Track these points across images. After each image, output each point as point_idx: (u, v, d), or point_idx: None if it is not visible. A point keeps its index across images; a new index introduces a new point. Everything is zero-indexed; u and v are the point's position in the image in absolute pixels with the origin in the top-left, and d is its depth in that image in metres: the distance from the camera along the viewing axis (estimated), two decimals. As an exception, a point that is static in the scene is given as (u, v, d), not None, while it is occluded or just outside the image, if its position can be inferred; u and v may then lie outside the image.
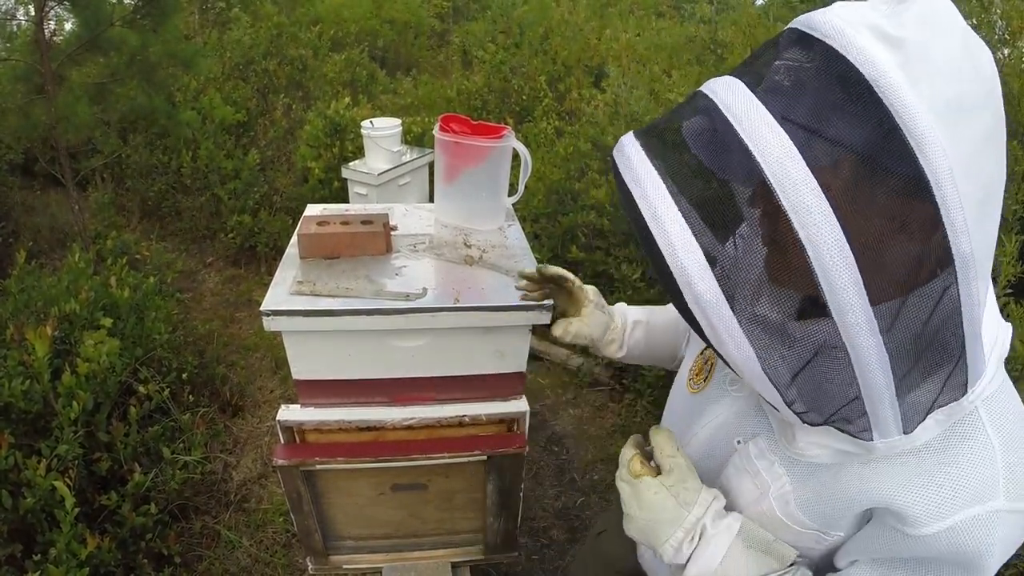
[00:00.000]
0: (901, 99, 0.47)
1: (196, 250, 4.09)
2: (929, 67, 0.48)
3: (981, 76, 0.51)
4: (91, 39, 2.99)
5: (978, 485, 0.60)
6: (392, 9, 7.47)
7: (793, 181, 0.49)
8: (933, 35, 0.49)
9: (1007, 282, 1.73)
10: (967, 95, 0.49)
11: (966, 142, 0.48)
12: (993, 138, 0.51)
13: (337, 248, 1.46)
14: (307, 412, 1.39)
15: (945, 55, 0.49)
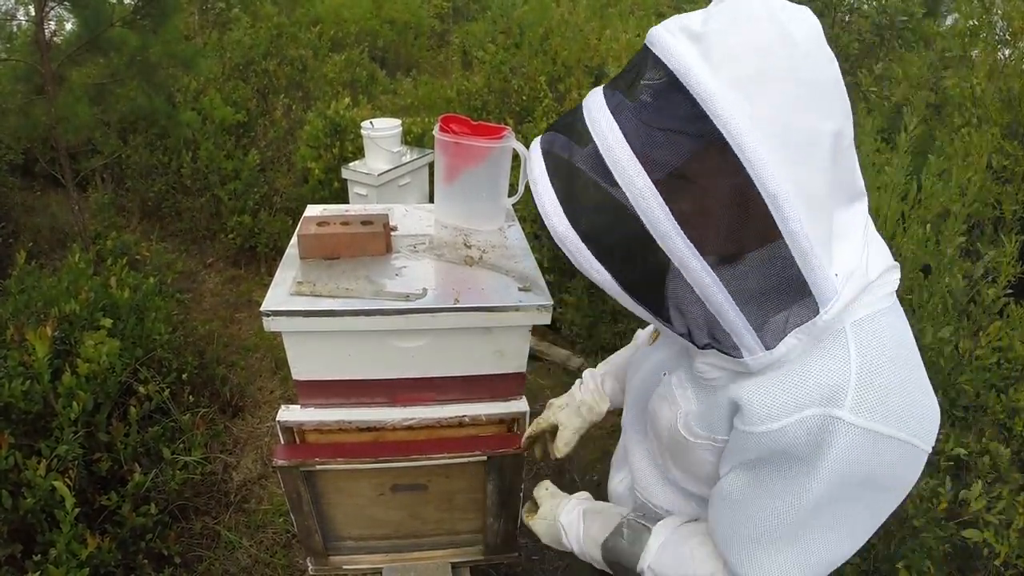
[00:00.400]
0: (697, 79, 0.60)
1: (196, 250, 4.08)
2: (726, 52, 0.60)
3: (788, 51, 0.61)
4: (91, 39, 2.99)
5: (822, 390, 0.67)
6: (392, 9, 7.47)
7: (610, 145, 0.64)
8: (733, 26, 0.61)
9: (1007, 282, 1.73)
10: (768, 68, 0.60)
11: (769, 104, 0.59)
12: (802, 96, 0.61)
13: (337, 249, 1.46)
14: (307, 412, 1.39)
15: (743, 41, 0.60)
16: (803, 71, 0.61)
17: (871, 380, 0.66)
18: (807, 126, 0.61)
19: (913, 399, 0.69)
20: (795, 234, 0.62)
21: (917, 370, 0.71)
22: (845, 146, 0.66)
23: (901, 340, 0.70)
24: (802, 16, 0.64)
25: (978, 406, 1.62)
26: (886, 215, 1.74)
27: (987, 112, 2.56)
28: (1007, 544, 1.31)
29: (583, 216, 0.68)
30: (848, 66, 3.62)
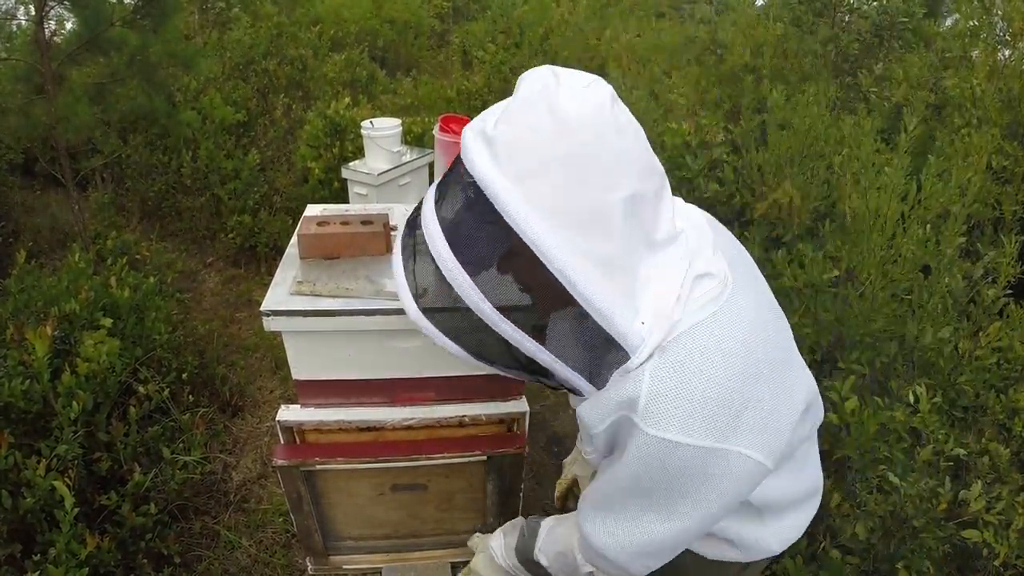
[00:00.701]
0: (484, 177, 0.70)
1: (196, 250, 4.08)
2: (508, 151, 0.70)
3: (563, 139, 0.69)
4: (91, 39, 2.99)
5: (622, 401, 0.78)
6: (392, 9, 7.47)
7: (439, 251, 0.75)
8: (515, 124, 0.71)
9: (1007, 282, 1.73)
10: (544, 159, 0.69)
11: (548, 191, 0.69)
12: (580, 177, 0.69)
13: (337, 248, 1.46)
14: (307, 412, 1.38)
15: (521, 137, 0.70)
16: (579, 153, 0.69)
17: (661, 394, 0.75)
18: (589, 202, 0.70)
19: (725, 412, 0.76)
20: (590, 301, 0.72)
21: (734, 377, 0.77)
22: (646, 204, 0.74)
23: (708, 351, 0.76)
24: (583, 96, 0.71)
25: (978, 406, 1.62)
26: (886, 215, 1.74)
27: (987, 113, 2.57)
28: (1006, 544, 1.31)
29: (431, 303, 0.80)
30: (848, 66, 3.61)
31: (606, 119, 0.70)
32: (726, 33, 3.96)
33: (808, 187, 2.24)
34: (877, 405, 1.48)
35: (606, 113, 0.71)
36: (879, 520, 1.40)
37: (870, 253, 1.74)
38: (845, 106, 3.20)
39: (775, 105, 2.37)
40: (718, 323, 0.78)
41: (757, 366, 0.79)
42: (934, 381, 1.61)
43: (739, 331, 0.79)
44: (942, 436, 1.45)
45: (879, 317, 1.68)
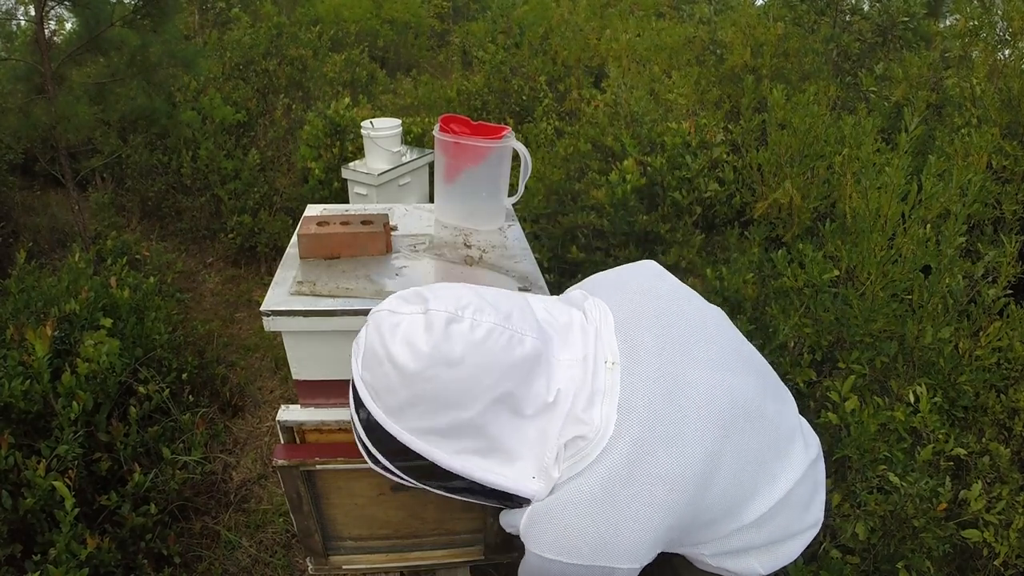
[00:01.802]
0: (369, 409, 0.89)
1: (196, 250, 4.08)
2: (379, 394, 0.87)
3: (407, 382, 0.84)
4: (91, 39, 3.00)
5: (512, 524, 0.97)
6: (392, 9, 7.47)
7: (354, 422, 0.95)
8: (369, 371, 0.88)
9: (1007, 282, 1.73)
10: (402, 398, 0.85)
11: (415, 418, 0.86)
12: (431, 405, 0.84)
13: (337, 248, 1.46)
14: (307, 412, 1.38)
15: (377, 386, 0.87)
16: (424, 395, 0.84)
17: (535, 528, 0.91)
18: (449, 420, 0.85)
19: (585, 539, 0.88)
20: (481, 481, 0.89)
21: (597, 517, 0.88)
22: (507, 400, 0.86)
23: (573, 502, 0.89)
24: (414, 342, 0.83)
25: (978, 406, 1.62)
26: (886, 215, 1.74)
27: (987, 112, 2.56)
28: (1007, 544, 1.31)
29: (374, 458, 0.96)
30: (849, 66, 3.61)
31: (440, 359, 0.82)
32: (726, 33, 3.96)
33: (808, 187, 2.24)
34: (877, 405, 1.48)
35: (440, 352, 0.82)
36: (879, 520, 1.40)
37: (870, 253, 1.74)
38: (845, 106, 3.20)
39: (775, 105, 2.37)
40: (586, 479, 0.89)
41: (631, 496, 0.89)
42: (934, 381, 1.61)
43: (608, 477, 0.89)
44: (942, 436, 1.45)
45: (879, 317, 1.68)
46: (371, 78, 5.77)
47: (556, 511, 0.90)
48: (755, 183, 2.43)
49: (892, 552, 1.40)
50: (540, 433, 0.89)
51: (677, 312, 0.99)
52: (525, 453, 0.89)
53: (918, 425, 1.45)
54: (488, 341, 0.85)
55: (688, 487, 0.89)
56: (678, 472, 0.89)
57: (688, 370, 0.93)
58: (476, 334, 0.84)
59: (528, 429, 0.89)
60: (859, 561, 1.42)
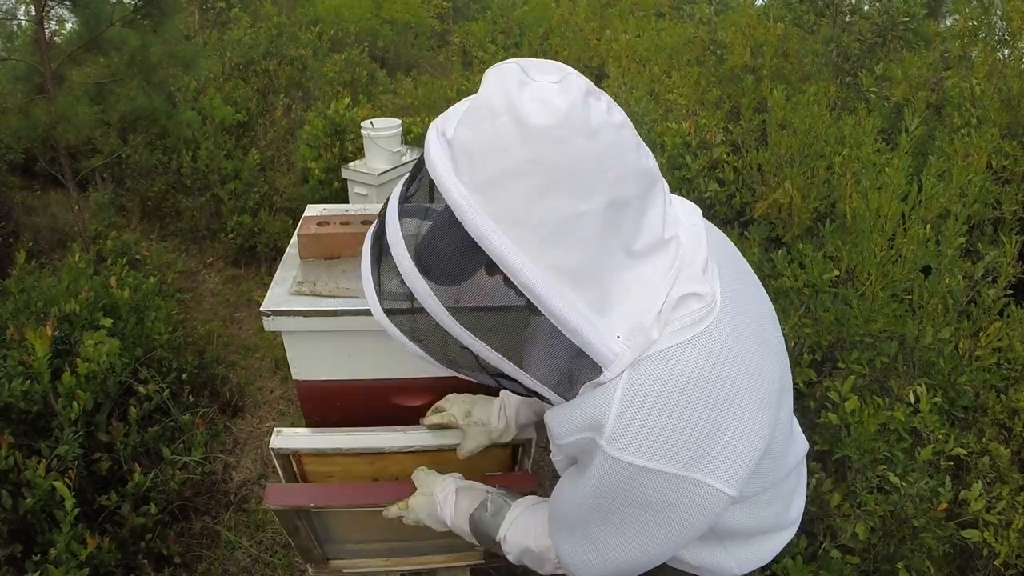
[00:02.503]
0: (443, 183, 0.67)
1: (196, 250, 4.08)
2: (468, 156, 0.66)
3: (527, 145, 0.64)
4: (91, 39, 2.99)
5: (588, 420, 0.76)
6: (392, 9, 7.47)
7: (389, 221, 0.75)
8: (474, 128, 0.66)
9: (1007, 283, 1.73)
10: (506, 167, 0.65)
11: (511, 201, 0.65)
12: (546, 185, 0.65)
13: (337, 248, 1.46)
14: (302, 439, 1.31)
15: (481, 142, 0.65)
16: (544, 161, 0.64)
17: (629, 418, 0.73)
18: (555, 212, 0.66)
19: (696, 438, 0.73)
20: (559, 315, 0.68)
21: (701, 406, 0.74)
22: (626, 210, 0.70)
23: (680, 377, 0.73)
24: (551, 97, 0.65)
25: (978, 406, 1.62)
26: (886, 215, 1.74)
27: (987, 112, 2.57)
28: (1007, 544, 1.31)
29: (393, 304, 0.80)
30: (849, 66, 3.61)
31: (576, 122, 0.65)
32: (726, 33, 3.96)
33: (808, 187, 2.24)
34: (877, 405, 1.48)
35: (577, 115, 0.65)
36: (879, 520, 1.40)
37: (870, 253, 1.74)
38: (845, 106, 3.20)
39: (775, 105, 2.37)
40: (695, 348, 0.74)
41: (728, 397, 0.76)
42: (934, 381, 1.61)
43: (714, 360, 0.75)
44: (942, 436, 1.45)
45: (879, 317, 1.68)
46: (371, 78, 5.77)
47: (663, 391, 0.73)
48: (755, 183, 2.43)
49: (892, 552, 1.40)
50: (643, 282, 0.73)
51: (754, 278, 0.93)
52: (618, 302, 0.71)
53: (918, 425, 1.46)
54: (624, 130, 0.69)
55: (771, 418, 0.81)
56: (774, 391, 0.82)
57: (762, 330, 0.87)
58: (614, 117, 0.68)
59: (630, 271, 0.72)
60: (859, 561, 1.42)
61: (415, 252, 0.72)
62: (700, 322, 0.75)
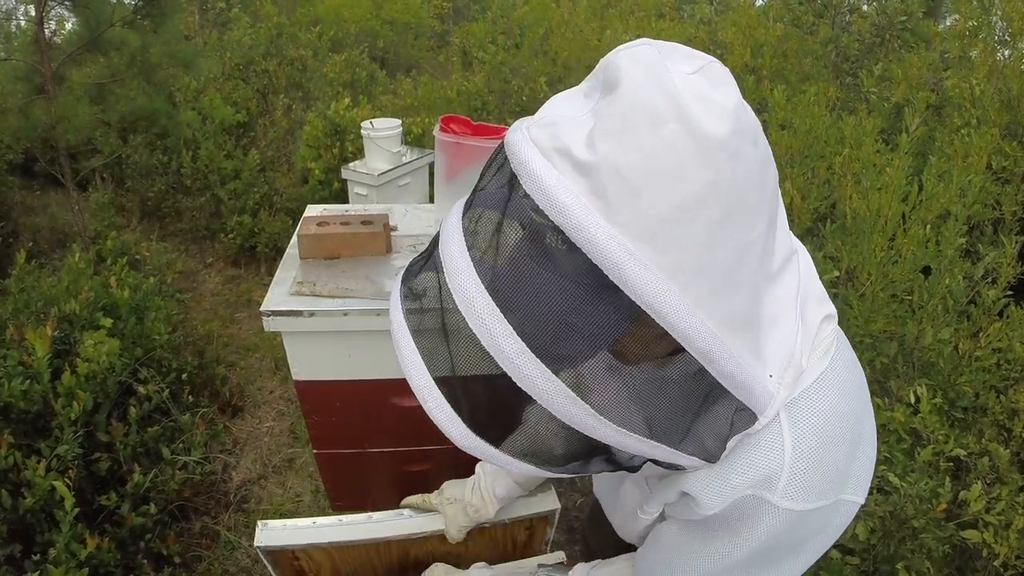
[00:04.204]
0: (588, 233, 0.46)
1: (196, 250, 4.08)
2: (629, 187, 0.46)
3: (706, 164, 0.47)
4: (91, 39, 3.00)
5: (757, 478, 0.64)
6: (392, 10, 7.47)
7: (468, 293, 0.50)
8: (631, 143, 0.46)
9: (1007, 283, 1.73)
10: (683, 196, 0.47)
11: (688, 245, 0.48)
12: (728, 215, 0.49)
13: (337, 249, 1.46)
14: (291, 532, 1.17)
15: (645, 164, 0.46)
16: (726, 183, 0.48)
17: (804, 468, 0.64)
18: (733, 248, 0.50)
19: (843, 463, 0.68)
20: (730, 376, 0.54)
21: (855, 428, 0.68)
22: (771, 229, 0.56)
23: (838, 407, 0.66)
24: (716, 88, 0.50)
25: (977, 407, 1.62)
26: (887, 216, 1.74)
27: (986, 113, 2.57)
28: (1006, 545, 1.31)
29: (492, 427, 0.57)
30: (848, 67, 3.62)
31: (744, 127, 0.50)
32: (726, 33, 3.96)
33: (808, 187, 2.24)
34: (877, 405, 1.48)
35: (742, 116, 0.50)
36: (879, 520, 1.40)
37: (870, 253, 1.74)
38: (845, 106, 3.20)
39: (776, 105, 2.37)
40: (837, 374, 0.67)
41: (864, 412, 0.71)
42: (934, 382, 1.61)
43: (851, 380, 0.69)
44: (942, 437, 1.45)
45: (879, 317, 1.68)
46: (371, 78, 5.77)
47: (823, 428, 0.64)
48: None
49: (892, 553, 1.40)
50: (782, 307, 0.61)
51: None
52: (767, 337, 0.59)
53: (918, 426, 1.45)
54: (760, 132, 0.55)
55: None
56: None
57: None
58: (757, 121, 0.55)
59: (769, 295, 0.59)
60: (859, 562, 1.42)
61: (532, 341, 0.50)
62: (833, 343, 0.67)
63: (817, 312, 0.66)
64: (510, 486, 1.16)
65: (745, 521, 0.67)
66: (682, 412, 0.59)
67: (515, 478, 1.16)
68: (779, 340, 0.60)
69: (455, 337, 0.53)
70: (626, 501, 0.93)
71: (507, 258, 0.51)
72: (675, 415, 0.59)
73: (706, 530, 0.72)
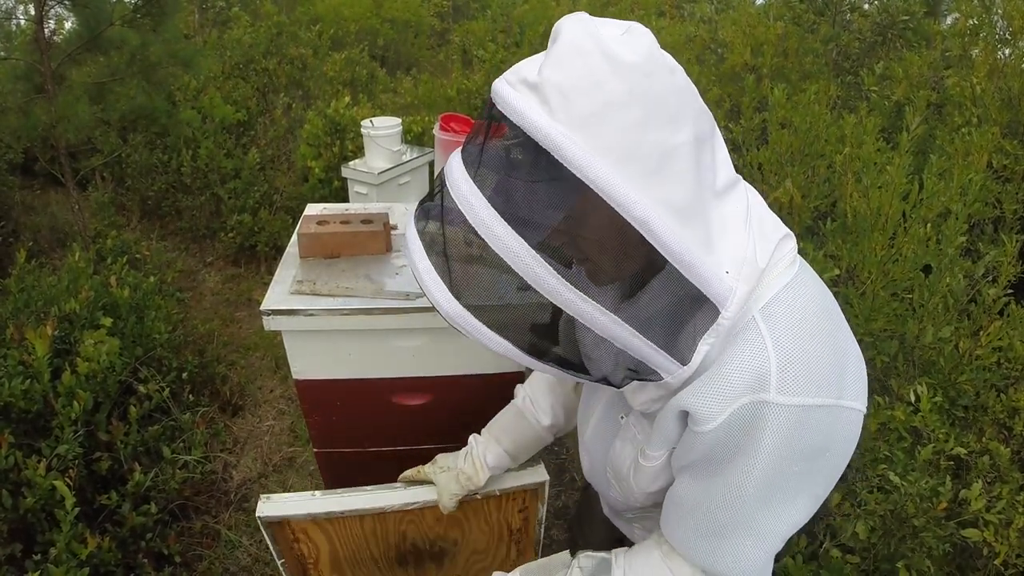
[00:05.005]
0: (538, 127, 0.61)
1: (196, 250, 4.08)
2: (562, 94, 0.62)
3: (621, 77, 0.62)
4: (91, 38, 2.99)
5: (749, 380, 0.70)
6: (392, 8, 7.47)
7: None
8: (565, 67, 0.62)
9: (1007, 282, 1.73)
10: (605, 100, 0.61)
11: (614, 134, 0.61)
12: (645, 117, 0.62)
13: (337, 247, 1.46)
14: (291, 504, 1.20)
15: (575, 80, 0.62)
16: (640, 93, 0.62)
17: (790, 359, 0.70)
18: (657, 144, 0.63)
19: (832, 363, 0.72)
20: (675, 252, 0.64)
21: (832, 332, 0.75)
22: (705, 147, 0.68)
23: (810, 308, 0.73)
24: (633, 35, 0.65)
25: (978, 406, 1.62)
26: (887, 214, 1.74)
27: (987, 111, 2.56)
28: (1007, 544, 1.31)
29: (470, 292, 0.68)
30: (849, 65, 3.61)
31: (659, 60, 0.65)
32: (726, 32, 3.96)
33: (809, 186, 2.24)
34: (877, 404, 1.48)
35: (657, 53, 0.65)
36: (879, 519, 1.40)
37: (871, 252, 1.74)
38: (846, 105, 3.20)
39: (776, 104, 2.37)
40: (804, 280, 0.75)
41: (840, 321, 0.78)
42: (935, 380, 1.61)
43: (822, 288, 0.78)
44: (942, 435, 1.45)
45: (880, 316, 1.68)
46: (371, 77, 5.77)
47: (803, 323, 0.72)
48: (756, 182, 2.42)
49: (892, 551, 1.40)
50: (732, 218, 0.71)
51: None
52: (718, 238, 0.69)
53: (918, 424, 1.45)
54: (680, 70, 0.69)
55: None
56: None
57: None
58: (676, 63, 0.69)
59: (717, 209, 0.69)
60: (859, 560, 1.42)
61: (512, 220, 0.64)
62: (797, 259, 0.76)
63: (775, 231, 0.75)
64: (501, 455, 1.20)
65: (752, 433, 0.71)
66: (641, 291, 0.69)
67: (506, 447, 1.19)
68: (732, 243, 0.69)
69: (448, 219, 0.68)
70: (619, 461, 0.95)
71: (488, 163, 0.67)
72: (634, 291, 0.70)
73: (718, 461, 0.75)
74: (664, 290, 0.68)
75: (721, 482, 0.75)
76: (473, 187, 0.65)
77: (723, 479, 0.75)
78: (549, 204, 0.67)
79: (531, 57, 0.69)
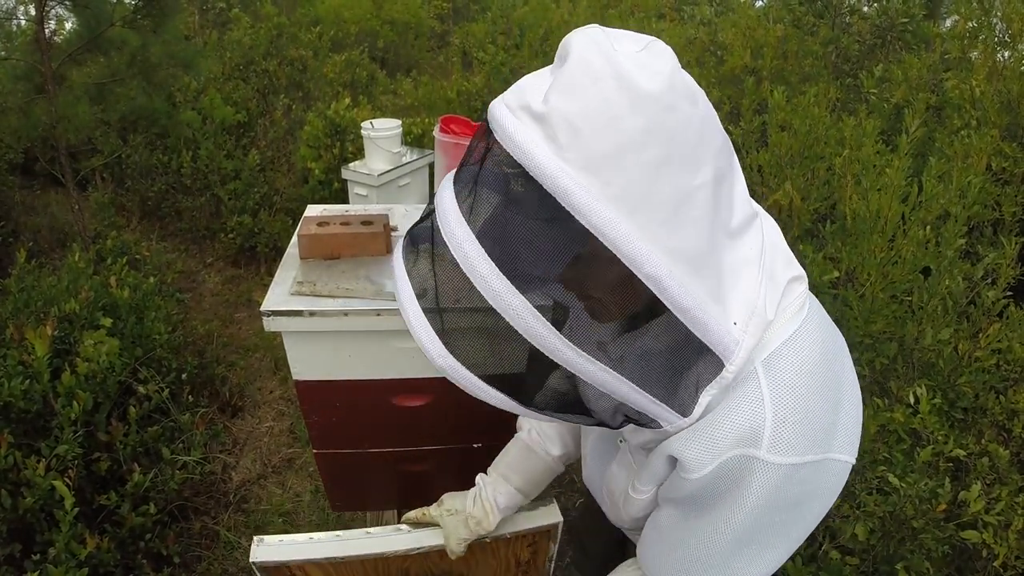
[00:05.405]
0: (542, 167, 0.55)
1: (196, 250, 4.08)
2: (572, 130, 0.55)
3: (640, 112, 0.55)
4: (91, 39, 3.00)
5: (741, 434, 0.68)
6: (392, 10, 7.47)
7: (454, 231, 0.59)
8: (576, 96, 0.56)
9: (1006, 284, 1.73)
10: (621, 139, 0.55)
11: (628, 179, 0.55)
12: (664, 158, 0.56)
13: (337, 249, 1.46)
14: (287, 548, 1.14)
15: (588, 112, 0.55)
16: (659, 130, 0.56)
17: (786, 418, 0.67)
18: (675, 188, 0.57)
19: (826, 418, 0.70)
20: (685, 308, 0.59)
21: (832, 385, 0.72)
22: (724, 184, 0.63)
23: (812, 360, 0.70)
24: (652, 54, 0.59)
25: (977, 408, 1.62)
26: (887, 217, 1.74)
27: (986, 114, 2.57)
28: (1006, 545, 1.31)
29: (463, 343, 0.64)
30: (848, 68, 3.62)
31: (680, 87, 0.58)
32: (726, 34, 3.97)
33: (808, 188, 2.24)
34: (877, 406, 1.48)
35: (679, 79, 0.58)
36: (879, 521, 1.40)
37: (870, 254, 1.74)
38: (845, 107, 3.20)
39: (775, 106, 2.38)
40: (812, 330, 0.72)
41: (842, 370, 0.75)
42: (934, 382, 1.61)
43: (825, 337, 0.73)
44: (942, 437, 1.45)
45: (879, 318, 1.68)
46: (371, 79, 5.77)
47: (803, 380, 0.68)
48: (755, 184, 2.43)
49: (891, 553, 1.40)
50: (746, 263, 0.66)
51: None
52: (730, 287, 0.64)
53: (917, 426, 1.46)
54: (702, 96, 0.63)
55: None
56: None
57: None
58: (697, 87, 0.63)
59: (732, 252, 0.65)
60: (858, 562, 1.42)
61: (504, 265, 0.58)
62: (805, 304, 0.72)
63: (785, 272, 0.71)
64: (512, 494, 1.14)
65: (738, 484, 0.69)
66: (645, 346, 0.66)
67: (516, 484, 1.14)
68: (743, 292, 0.65)
69: (440, 264, 0.63)
70: (614, 484, 0.95)
71: (484, 200, 0.61)
72: (636, 347, 0.66)
73: (702, 504, 0.74)
74: (668, 341, 0.64)
75: (702, 523, 0.75)
76: (468, 232, 0.59)
77: (705, 520, 0.74)
78: (552, 253, 0.61)
79: (534, 74, 0.62)
